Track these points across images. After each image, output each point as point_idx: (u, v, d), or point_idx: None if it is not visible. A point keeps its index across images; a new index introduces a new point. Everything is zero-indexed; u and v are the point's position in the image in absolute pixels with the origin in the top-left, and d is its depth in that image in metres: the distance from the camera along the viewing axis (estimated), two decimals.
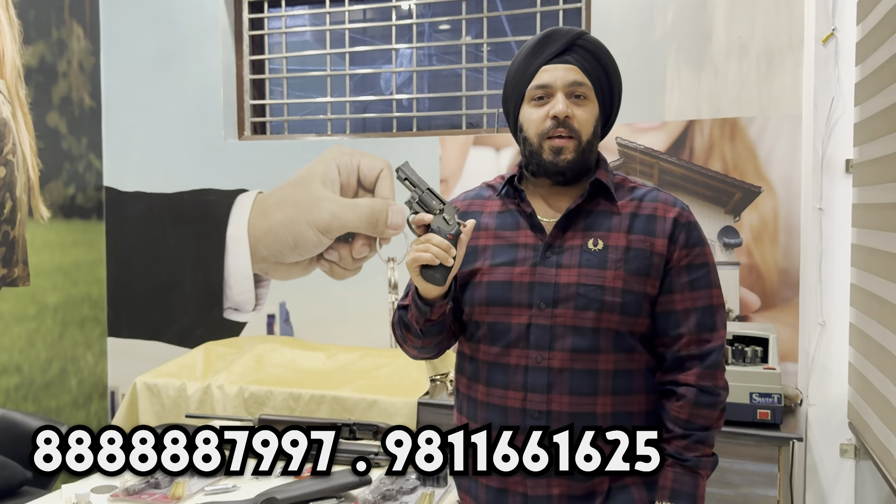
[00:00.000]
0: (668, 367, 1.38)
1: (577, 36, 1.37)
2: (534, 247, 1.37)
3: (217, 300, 3.33)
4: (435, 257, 1.28)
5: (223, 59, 3.31)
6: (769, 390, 2.11)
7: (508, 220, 1.42)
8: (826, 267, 2.40)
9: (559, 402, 1.32)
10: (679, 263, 1.36)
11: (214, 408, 2.66)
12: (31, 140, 3.11)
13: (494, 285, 1.37)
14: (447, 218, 1.31)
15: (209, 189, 3.34)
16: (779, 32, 2.59)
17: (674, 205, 1.39)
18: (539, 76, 1.36)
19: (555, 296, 1.33)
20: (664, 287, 1.36)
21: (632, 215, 1.37)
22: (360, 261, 3.13)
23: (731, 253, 2.63)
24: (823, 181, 2.39)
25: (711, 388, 1.35)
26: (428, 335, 1.41)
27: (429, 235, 1.30)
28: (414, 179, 1.35)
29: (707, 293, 1.37)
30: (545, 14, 2.97)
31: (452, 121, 3.18)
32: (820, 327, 2.41)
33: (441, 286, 1.31)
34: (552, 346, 1.33)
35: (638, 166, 2.73)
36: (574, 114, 1.34)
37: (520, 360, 1.34)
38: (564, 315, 1.33)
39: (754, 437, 2.11)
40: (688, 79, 2.70)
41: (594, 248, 1.35)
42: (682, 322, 1.35)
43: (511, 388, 1.35)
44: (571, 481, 1.33)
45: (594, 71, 1.37)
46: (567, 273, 1.34)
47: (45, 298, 3.18)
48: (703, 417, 1.35)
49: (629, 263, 1.34)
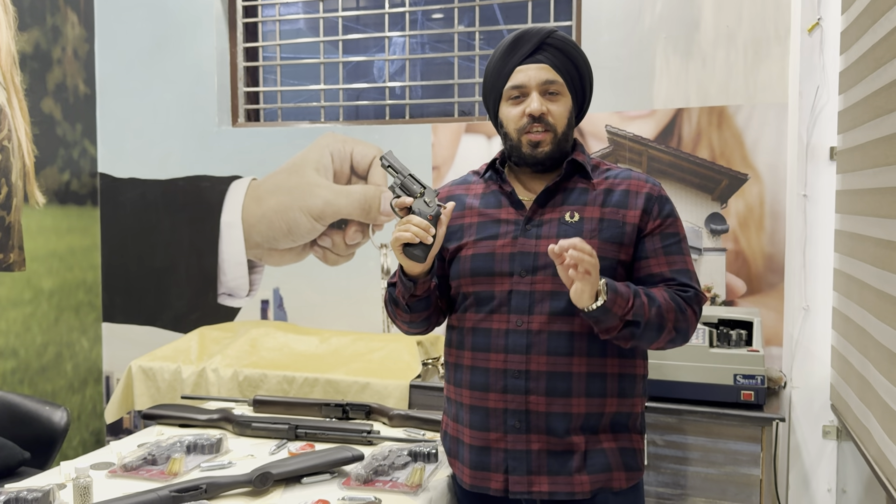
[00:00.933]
0: None
1: (547, 35, 1.48)
2: (515, 221, 1.49)
3: (211, 286, 3.37)
4: (415, 236, 1.38)
5: (217, 47, 3.33)
6: (753, 372, 2.16)
7: (491, 200, 1.53)
8: (810, 252, 2.45)
9: (537, 361, 1.42)
10: (653, 232, 1.46)
11: (209, 390, 2.69)
12: (27, 126, 3.13)
13: (478, 257, 1.48)
14: (427, 201, 1.42)
15: (203, 176, 3.36)
16: (765, 22, 2.63)
17: (646, 181, 1.50)
18: (514, 76, 1.47)
19: (535, 264, 1.44)
20: (639, 253, 1.47)
21: (606, 191, 1.49)
22: (353, 247, 3.16)
23: (717, 239, 2.68)
24: (808, 168, 2.44)
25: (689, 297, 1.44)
26: (415, 310, 1.50)
27: (409, 217, 1.41)
28: (397, 166, 1.46)
29: (681, 258, 1.48)
30: (536, 3, 3.00)
31: (444, 108, 3.21)
32: (804, 311, 2.46)
33: (422, 263, 1.41)
34: (531, 311, 1.43)
35: (627, 154, 2.78)
36: (549, 110, 1.46)
37: (501, 324, 1.44)
38: (543, 281, 1.43)
39: (738, 417, 2.16)
40: (676, 67, 2.74)
41: (571, 220, 1.46)
42: (661, 280, 1.46)
43: (493, 351, 1.45)
44: (549, 437, 1.42)
45: (565, 67, 1.48)
46: (546, 243, 1.43)
47: (41, 283, 3.21)
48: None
49: (603, 232, 1.44)
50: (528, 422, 1.42)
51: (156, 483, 1.60)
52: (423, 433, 1.91)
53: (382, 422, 2.01)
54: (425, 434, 1.91)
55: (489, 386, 1.45)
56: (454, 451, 1.54)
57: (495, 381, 1.44)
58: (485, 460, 1.46)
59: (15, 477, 2.23)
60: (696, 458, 2.21)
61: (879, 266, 1.87)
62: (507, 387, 1.43)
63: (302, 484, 1.60)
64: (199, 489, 1.50)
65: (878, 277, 1.88)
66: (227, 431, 1.93)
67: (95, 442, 3.49)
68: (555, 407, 1.42)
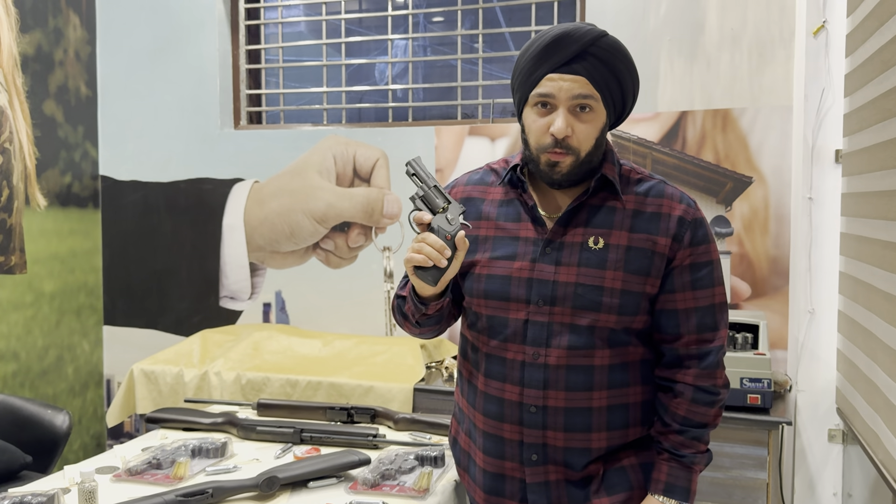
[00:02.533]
0: (666, 363, 1.38)
1: (590, 43, 1.27)
2: (534, 241, 1.36)
3: (213, 289, 3.35)
4: (428, 258, 1.26)
5: (219, 49, 3.33)
6: (759, 375, 2.16)
7: (510, 212, 1.40)
8: (815, 255, 2.44)
9: (555, 397, 1.33)
10: (683, 263, 1.34)
11: (212, 394, 2.68)
12: (28, 128, 3.12)
13: (493, 279, 1.37)
14: (449, 218, 1.29)
15: (205, 178, 3.35)
16: (770, 25, 2.63)
17: (680, 201, 1.35)
18: (543, 84, 1.29)
19: (553, 294, 1.32)
20: (666, 286, 1.34)
21: (635, 212, 1.34)
22: (355, 250, 3.15)
23: (722, 242, 2.67)
24: (813, 171, 2.43)
25: (710, 388, 1.35)
26: (425, 325, 1.42)
27: (425, 235, 1.28)
28: (422, 175, 1.32)
29: (710, 292, 1.35)
30: (540, 5, 3.00)
31: (448, 111, 3.20)
32: (809, 315, 2.45)
33: (433, 287, 1.30)
34: (549, 343, 1.33)
35: (631, 156, 2.77)
36: (574, 130, 1.29)
37: (517, 355, 1.35)
38: (562, 313, 1.32)
39: (744, 421, 2.16)
40: (681, 70, 2.73)
41: (594, 247, 1.33)
42: (683, 322, 1.35)
43: (508, 382, 1.36)
44: (568, 468, 1.35)
45: (604, 80, 1.29)
46: (566, 272, 1.33)
47: (42, 286, 3.20)
48: (701, 415, 1.35)
49: (629, 263, 1.32)
50: (546, 455, 1.35)
51: (161, 487, 1.59)
52: (428, 437, 1.90)
53: (388, 425, 1.99)
54: (431, 438, 1.90)
55: (504, 417, 1.36)
56: (465, 465, 1.48)
57: (511, 413, 1.36)
58: (499, 487, 1.39)
59: (17, 481, 2.22)
60: None
61: (887, 269, 1.86)
62: (523, 420, 1.35)
63: (308, 488, 1.59)
64: (204, 493, 1.49)
65: (885, 280, 1.88)
66: (231, 435, 1.92)
67: (96, 446, 3.48)
68: (574, 442, 1.34)
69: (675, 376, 1.36)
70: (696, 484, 1.38)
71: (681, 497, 1.35)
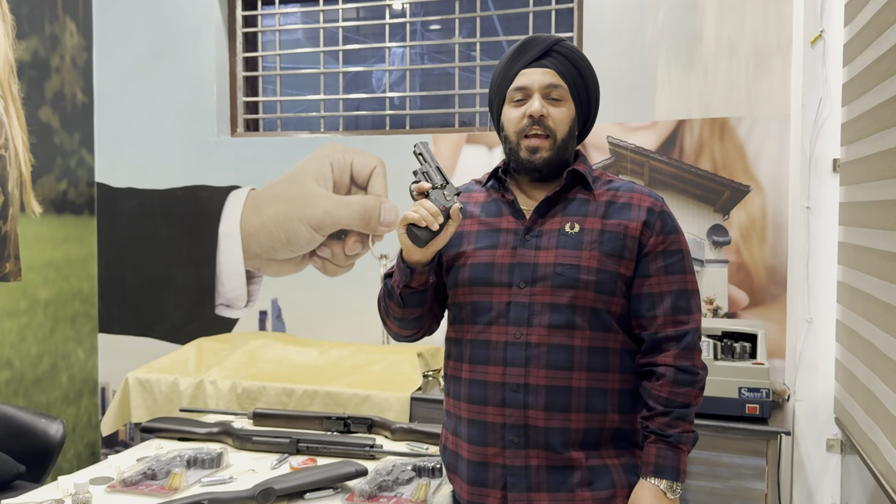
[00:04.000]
0: (646, 349, 1.45)
1: (554, 42, 1.47)
2: (515, 231, 1.46)
3: (209, 296, 3.34)
4: (422, 219, 1.36)
5: (216, 56, 3.32)
6: (757, 385, 2.15)
7: (492, 208, 1.51)
8: (813, 264, 2.44)
9: (536, 375, 1.39)
10: (655, 249, 1.44)
11: (207, 403, 2.66)
12: (24, 135, 3.10)
13: (477, 266, 1.46)
14: (446, 194, 1.40)
15: (201, 185, 3.34)
16: (767, 34, 2.63)
17: (649, 195, 1.48)
18: (518, 79, 1.46)
19: (533, 275, 1.42)
20: (640, 270, 1.44)
21: (608, 203, 1.46)
22: (352, 257, 3.14)
23: (719, 251, 2.67)
24: (811, 180, 2.43)
25: (689, 368, 1.42)
26: (409, 304, 1.47)
27: (422, 200, 1.39)
28: (427, 156, 1.45)
29: (682, 277, 1.44)
30: (537, 14, 3.00)
31: (445, 119, 3.20)
32: (807, 324, 2.45)
33: (421, 247, 1.38)
34: (530, 323, 1.40)
35: (629, 165, 2.77)
36: (549, 113, 1.44)
37: (500, 336, 1.42)
38: (542, 293, 1.41)
39: (743, 431, 2.15)
40: (678, 79, 2.73)
41: (571, 231, 1.44)
42: (658, 304, 1.43)
43: (492, 364, 1.42)
44: (549, 453, 1.39)
45: (570, 74, 1.47)
46: (545, 254, 1.42)
47: (37, 293, 3.18)
48: (683, 395, 1.41)
49: (603, 245, 1.42)
50: (527, 437, 1.39)
51: (156, 498, 1.57)
52: (426, 447, 1.89)
53: (385, 435, 1.98)
54: (428, 448, 1.88)
55: (487, 399, 1.42)
56: (453, 466, 1.51)
57: (493, 395, 1.41)
58: (482, 476, 1.43)
59: (10, 491, 2.20)
60: (700, 473, 2.19)
61: (885, 278, 1.86)
62: (505, 400, 1.40)
63: (305, 500, 1.58)
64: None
65: (883, 290, 1.87)
66: (227, 445, 1.91)
67: (90, 454, 3.45)
68: (553, 422, 1.39)
69: (656, 360, 1.43)
70: (686, 465, 1.42)
71: (671, 476, 1.40)
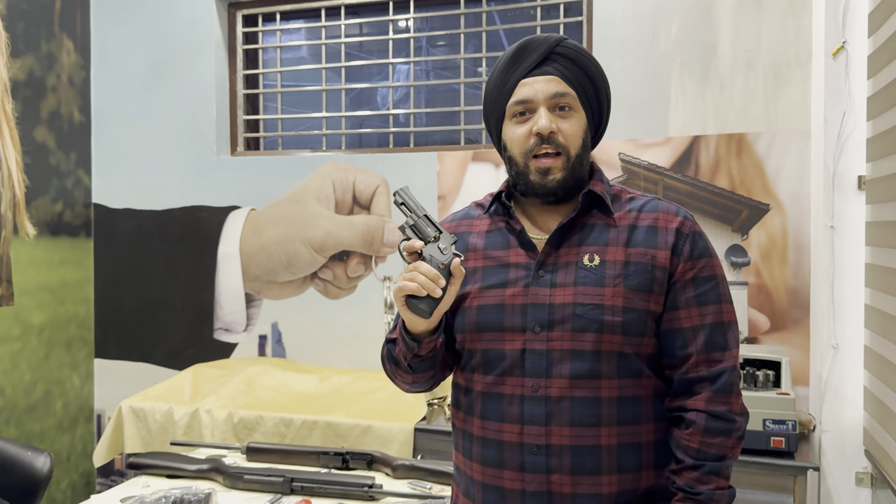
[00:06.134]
0: (676, 391, 1.26)
1: (556, 43, 1.27)
2: (525, 266, 1.27)
3: (207, 320, 3.23)
4: (422, 287, 1.18)
5: (216, 74, 3.24)
6: (783, 417, 2.02)
7: (498, 239, 1.32)
8: (839, 287, 2.31)
9: (559, 434, 1.20)
10: (684, 277, 1.25)
11: (202, 433, 2.55)
12: (18, 155, 3.02)
13: (485, 309, 1.27)
14: (441, 247, 1.22)
15: (200, 206, 3.25)
16: (786, 46, 2.52)
17: (676, 214, 1.28)
18: (518, 91, 1.26)
19: (550, 318, 1.23)
20: (669, 303, 1.25)
21: (630, 227, 1.27)
22: (355, 280, 3.03)
23: (738, 272, 2.55)
24: (835, 198, 2.31)
25: (724, 414, 1.22)
26: (418, 371, 1.31)
27: (417, 263, 1.21)
28: (411, 204, 1.26)
29: (716, 308, 1.25)
30: (545, 28, 2.90)
31: (450, 136, 3.10)
32: (833, 350, 2.32)
33: (427, 319, 1.20)
34: (549, 373, 1.22)
35: (642, 182, 2.65)
36: (559, 128, 1.25)
37: (515, 388, 1.23)
38: (561, 338, 1.22)
39: (768, 465, 2.02)
40: (692, 93, 2.63)
41: (590, 265, 1.24)
42: (690, 341, 1.24)
43: (507, 421, 1.24)
44: None
45: (577, 79, 1.27)
46: (562, 292, 1.23)
47: (30, 318, 3.08)
48: (716, 446, 1.22)
49: (629, 279, 1.23)
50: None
51: None
52: (429, 486, 1.77)
53: (385, 473, 1.86)
54: (432, 488, 1.76)
55: (503, 462, 1.23)
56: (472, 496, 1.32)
57: (511, 458, 1.23)
58: None
59: None
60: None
61: None
62: (524, 464, 1.22)
63: None
64: None
65: None
66: (217, 483, 1.80)
67: (85, 484, 3.34)
68: (582, 487, 1.20)
69: (686, 404, 1.24)
70: None
71: None
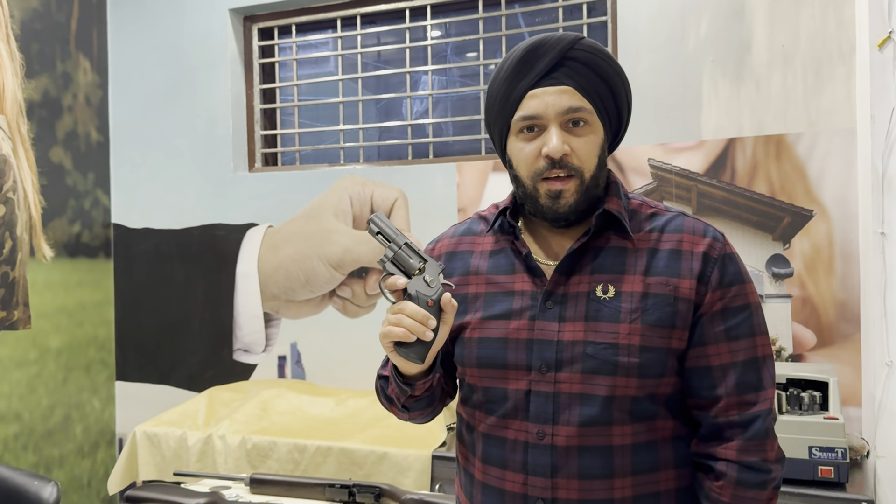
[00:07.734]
0: (704, 435, 1.12)
1: (568, 46, 1.10)
2: (532, 295, 1.13)
3: (226, 341, 3.15)
4: (409, 332, 1.05)
5: (232, 89, 3.17)
6: (832, 444, 1.83)
7: (502, 262, 1.18)
8: (891, 298, 2.11)
9: (566, 487, 1.07)
10: (713, 308, 1.09)
11: (216, 460, 2.45)
12: (34, 177, 2.99)
13: (487, 343, 1.14)
14: (428, 280, 1.08)
15: (218, 224, 3.17)
16: (826, 39, 2.34)
17: (704, 235, 1.12)
18: (525, 104, 1.10)
19: (557, 357, 1.09)
20: (695, 338, 1.10)
21: (650, 251, 1.12)
22: (374, 297, 2.92)
23: (781, 284, 2.36)
24: (885, 202, 2.12)
25: (758, 464, 1.08)
26: (414, 409, 1.18)
27: (403, 304, 1.07)
28: (389, 233, 1.12)
29: (749, 343, 1.10)
30: (568, 28, 2.76)
31: (470, 146, 2.97)
32: (887, 367, 2.12)
33: (419, 364, 1.08)
34: (556, 419, 1.08)
35: (674, 190, 2.49)
36: (573, 148, 1.09)
37: (518, 434, 1.10)
38: (570, 381, 1.08)
39: (816, 498, 1.83)
40: (726, 93, 2.46)
41: (604, 297, 1.10)
42: (720, 381, 1.09)
43: (509, 469, 1.10)
44: None
45: (594, 88, 1.11)
46: (572, 328, 1.09)
47: (48, 341, 3.03)
48: (750, 499, 1.07)
49: (647, 314, 1.08)
50: None
51: None
52: None
53: None
54: None
55: None
56: None
57: None
58: None
59: None
60: None
61: None
62: None
63: None
64: None
65: None
66: None
67: None
68: None
69: (716, 452, 1.09)
70: None
71: None
